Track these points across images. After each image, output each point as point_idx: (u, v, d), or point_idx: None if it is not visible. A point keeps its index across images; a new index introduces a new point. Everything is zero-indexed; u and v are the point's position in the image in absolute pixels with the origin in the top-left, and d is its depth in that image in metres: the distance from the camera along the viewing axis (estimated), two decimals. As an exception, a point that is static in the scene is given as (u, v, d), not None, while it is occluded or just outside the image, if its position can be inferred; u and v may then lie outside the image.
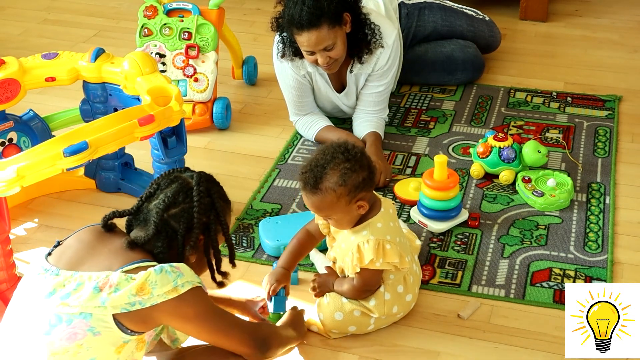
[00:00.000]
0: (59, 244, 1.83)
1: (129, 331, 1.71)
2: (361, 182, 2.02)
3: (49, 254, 1.80)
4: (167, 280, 1.70)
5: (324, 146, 2.07)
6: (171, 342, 1.96)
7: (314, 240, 2.28)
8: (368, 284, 2.12)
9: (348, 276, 2.16)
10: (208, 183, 1.89)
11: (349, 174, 2.01)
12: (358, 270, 2.07)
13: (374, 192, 2.14)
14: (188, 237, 1.83)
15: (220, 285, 2.01)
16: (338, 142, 2.06)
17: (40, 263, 1.77)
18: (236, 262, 2.45)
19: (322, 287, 2.20)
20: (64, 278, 1.71)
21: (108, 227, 1.85)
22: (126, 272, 1.71)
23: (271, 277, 2.20)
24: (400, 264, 2.09)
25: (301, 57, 2.88)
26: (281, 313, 2.15)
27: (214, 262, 1.93)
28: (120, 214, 1.87)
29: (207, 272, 1.97)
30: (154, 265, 1.73)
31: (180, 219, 1.82)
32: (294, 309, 2.16)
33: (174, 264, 1.75)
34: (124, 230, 1.89)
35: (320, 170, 2.01)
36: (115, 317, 1.68)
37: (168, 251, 1.81)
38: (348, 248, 2.10)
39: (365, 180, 2.03)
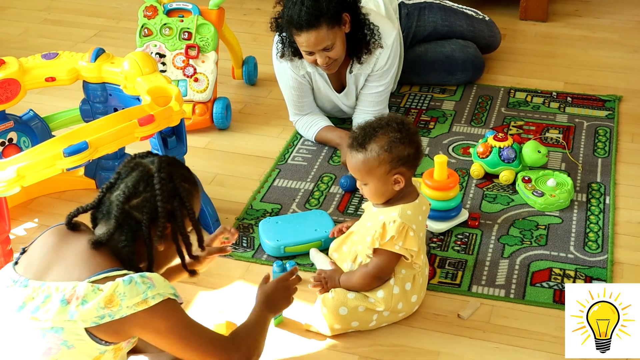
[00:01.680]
0: (24, 251, 1.74)
1: (104, 342, 1.65)
2: (406, 156, 2.07)
3: (16, 262, 1.72)
4: (136, 292, 1.62)
5: (382, 115, 2.13)
6: None
7: None
8: (382, 269, 2.12)
9: (361, 263, 2.17)
10: (170, 167, 1.76)
11: (397, 144, 2.06)
12: (377, 245, 2.08)
13: (414, 184, 2.18)
14: (154, 227, 1.73)
15: (192, 273, 1.93)
16: (395, 114, 2.11)
17: (9, 274, 1.68)
18: (236, 262, 2.47)
19: (328, 282, 2.21)
20: (33, 289, 1.64)
21: (72, 225, 1.76)
22: (94, 281, 1.63)
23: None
24: (417, 256, 2.11)
25: (300, 57, 2.88)
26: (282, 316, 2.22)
27: (183, 249, 1.81)
28: (84, 209, 1.78)
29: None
30: (123, 275, 1.65)
31: (143, 209, 1.72)
32: (261, 285, 2.04)
33: (146, 274, 1.66)
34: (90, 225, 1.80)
35: (371, 132, 2.07)
36: (87, 329, 1.62)
37: (133, 243, 1.72)
38: (373, 226, 2.12)
39: (410, 157, 2.08)
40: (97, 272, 1.65)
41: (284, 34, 2.84)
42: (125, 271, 1.67)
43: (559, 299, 2.29)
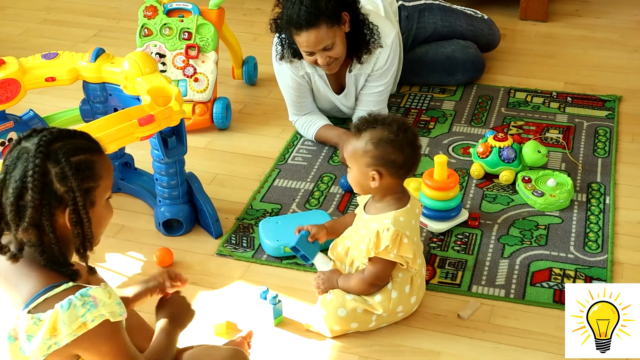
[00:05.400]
0: None
1: None
2: (390, 160, 2.06)
3: None
4: (75, 317, 1.52)
5: (394, 115, 2.13)
6: None
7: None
8: (378, 277, 2.12)
9: (358, 268, 2.17)
10: (53, 145, 1.57)
11: (386, 144, 2.05)
12: (372, 255, 2.08)
13: (405, 187, 2.17)
14: (59, 214, 1.58)
15: (92, 271, 1.69)
16: (406, 121, 2.12)
17: None
18: (236, 262, 2.47)
19: (326, 283, 2.21)
20: None
21: None
22: (35, 307, 1.54)
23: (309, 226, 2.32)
24: (413, 262, 2.11)
25: (300, 58, 2.88)
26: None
27: (79, 240, 1.61)
28: None
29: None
30: (60, 293, 1.55)
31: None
32: (160, 305, 1.92)
33: (89, 292, 1.55)
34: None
35: (372, 122, 2.08)
36: None
37: (41, 244, 1.57)
38: (367, 234, 2.11)
39: (394, 163, 2.06)
40: (34, 294, 1.55)
41: (283, 35, 2.84)
42: (63, 287, 1.56)
43: (559, 299, 2.29)
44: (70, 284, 1.57)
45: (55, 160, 1.55)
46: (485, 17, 3.61)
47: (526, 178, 2.73)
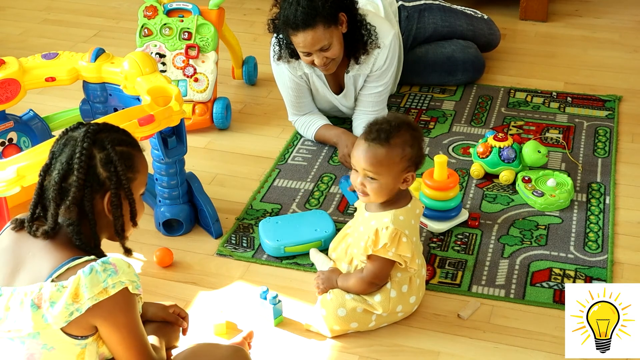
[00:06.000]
0: None
1: (79, 337, 1.63)
2: (419, 157, 2.10)
3: None
4: (96, 281, 1.59)
5: (395, 114, 2.12)
6: None
7: None
8: (377, 275, 2.12)
9: (357, 267, 2.17)
10: (100, 134, 1.69)
11: (417, 143, 2.09)
12: (370, 252, 2.08)
13: (408, 187, 2.17)
14: (98, 198, 1.68)
15: (127, 252, 1.80)
16: (405, 115, 2.13)
17: None
18: (236, 262, 2.47)
19: (326, 283, 2.21)
20: (7, 298, 1.62)
21: (20, 224, 1.72)
22: (58, 276, 1.60)
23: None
24: (411, 261, 2.10)
25: (297, 58, 2.88)
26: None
27: (127, 217, 1.74)
28: (33, 204, 1.71)
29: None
30: (84, 264, 1.62)
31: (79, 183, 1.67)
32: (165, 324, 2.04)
33: (109, 259, 1.63)
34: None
35: (396, 127, 2.06)
36: (62, 329, 1.61)
37: (80, 221, 1.67)
38: (366, 232, 2.11)
39: (421, 158, 2.11)
40: (57, 265, 1.62)
41: (281, 35, 2.84)
42: (85, 258, 1.64)
43: (559, 299, 2.29)
44: (92, 256, 1.65)
45: (101, 147, 1.68)
46: (485, 17, 3.61)
47: (526, 178, 2.73)
